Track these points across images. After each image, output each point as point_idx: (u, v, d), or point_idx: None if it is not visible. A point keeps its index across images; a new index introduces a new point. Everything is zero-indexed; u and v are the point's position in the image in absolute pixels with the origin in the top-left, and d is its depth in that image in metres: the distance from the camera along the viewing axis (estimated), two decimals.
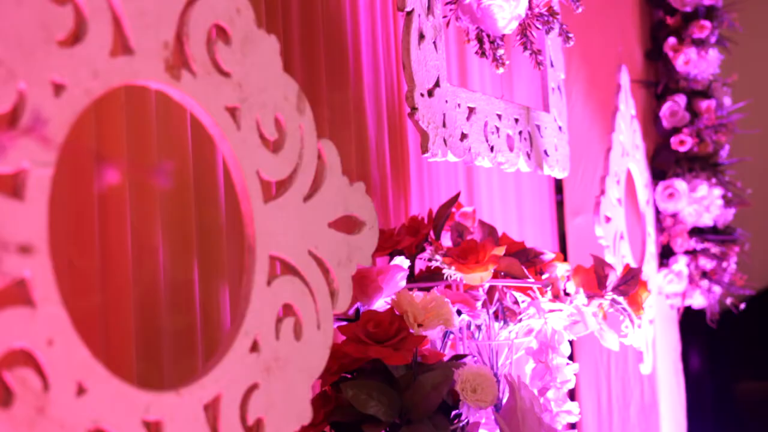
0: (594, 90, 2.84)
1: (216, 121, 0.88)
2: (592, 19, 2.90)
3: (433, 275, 1.66)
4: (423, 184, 2.02)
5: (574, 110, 2.92)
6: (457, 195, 1.76)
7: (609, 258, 2.19)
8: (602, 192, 2.19)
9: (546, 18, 1.62)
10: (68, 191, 1.11)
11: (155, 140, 1.22)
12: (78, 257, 1.12)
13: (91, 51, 0.74)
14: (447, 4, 1.60)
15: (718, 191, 2.81)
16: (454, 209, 1.90)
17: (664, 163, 2.78)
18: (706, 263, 2.81)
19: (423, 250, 1.69)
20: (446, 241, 1.74)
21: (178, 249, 1.27)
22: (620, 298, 1.74)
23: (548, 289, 1.61)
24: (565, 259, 2.87)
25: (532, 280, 1.63)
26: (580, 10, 1.71)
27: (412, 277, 1.68)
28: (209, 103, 0.87)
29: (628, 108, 2.50)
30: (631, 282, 1.74)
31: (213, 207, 1.33)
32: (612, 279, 1.75)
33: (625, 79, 2.49)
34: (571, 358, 2.75)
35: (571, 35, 1.67)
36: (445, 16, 1.61)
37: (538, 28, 1.62)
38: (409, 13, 1.37)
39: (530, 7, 1.57)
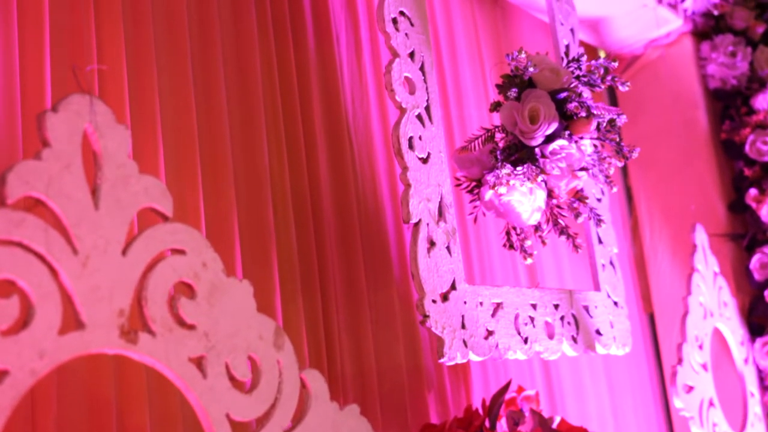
0: (680, 248, 2.78)
1: (179, 374, 0.94)
2: (670, 176, 2.87)
3: None
4: (487, 370, 2.00)
5: (661, 270, 2.86)
6: (509, 383, 1.74)
7: (695, 429, 2.08)
8: (679, 361, 2.11)
9: (573, 204, 1.63)
10: (84, 397, 1.18)
11: None
12: None
13: (38, 333, 0.82)
14: (471, 201, 1.65)
15: None
16: (515, 393, 1.87)
17: (761, 318, 2.65)
18: None
19: None
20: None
21: None
22: None
23: None
24: (671, 428, 2.74)
25: None
26: (615, 190, 1.72)
27: None
28: (170, 359, 0.93)
29: (708, 267, 2.43)
30: None
31: None
32: None
33: (701, 237, 2.43)
34: None
35: (602, 217, 1.67)
36: (471, 213, 1.65)
37: (564, 216, 1.63)
38: (417, 224, 1.41)
39: (551, 196, 1.60)
